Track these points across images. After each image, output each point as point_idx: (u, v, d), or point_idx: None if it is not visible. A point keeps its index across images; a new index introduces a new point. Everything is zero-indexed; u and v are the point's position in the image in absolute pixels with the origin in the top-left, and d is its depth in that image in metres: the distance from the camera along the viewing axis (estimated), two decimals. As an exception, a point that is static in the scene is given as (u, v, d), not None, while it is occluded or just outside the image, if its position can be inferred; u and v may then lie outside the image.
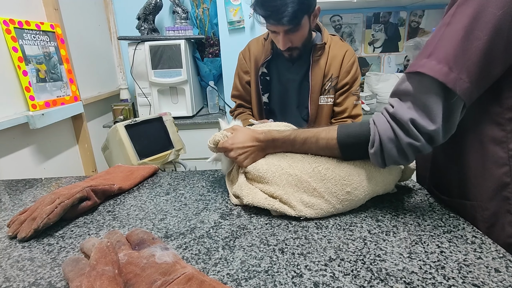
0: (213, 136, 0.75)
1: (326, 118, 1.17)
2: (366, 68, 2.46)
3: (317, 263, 0.51)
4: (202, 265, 0.52)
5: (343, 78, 1.14)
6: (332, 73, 1.13)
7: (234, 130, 0.76)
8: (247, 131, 0.74)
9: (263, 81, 1.18)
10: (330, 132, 0.65)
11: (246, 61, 1.23)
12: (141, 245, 0.52)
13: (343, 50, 1.13)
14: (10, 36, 1.26)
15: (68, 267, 0.48)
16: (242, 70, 1.25)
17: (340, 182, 0.64)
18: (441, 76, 0.50)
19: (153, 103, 1.98)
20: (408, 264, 0.50)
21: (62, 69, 1.53)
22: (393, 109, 0.56)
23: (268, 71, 1.18)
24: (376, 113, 0.65)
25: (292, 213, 0.63)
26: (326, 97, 1.15)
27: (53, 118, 1.41)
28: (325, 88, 1.14)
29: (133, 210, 0.72)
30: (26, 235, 0.60)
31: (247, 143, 0.71)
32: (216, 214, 0.68)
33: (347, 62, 1.13)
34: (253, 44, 1.22)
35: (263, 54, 1.17)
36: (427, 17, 2.34)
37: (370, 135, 0.59)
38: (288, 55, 1.09)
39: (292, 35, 1.01)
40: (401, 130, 0.55)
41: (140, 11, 2.02)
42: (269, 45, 1.15)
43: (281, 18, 0.93)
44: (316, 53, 1.12)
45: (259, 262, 0.52)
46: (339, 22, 2.34)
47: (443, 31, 0.52)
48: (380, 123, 0.58)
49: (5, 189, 0.90)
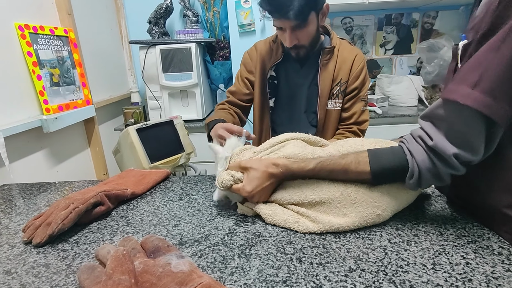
0: (220, 180, 0.66)
1: (334, 123, 1.13)
2: (378, 71, 2.43)
3: (336, 274, 0.49)
4: (218, 274, 0.50)
5: (352, 83, 1.10)
6: (341, 78, 1.10)
7: (244, 169, 0.67)
8: (261, 168, 0.64)
9: (271, 84, 1.15)
10: (361, 165, 0.60)
11: (252, 60, 1.18)
12: (156, 252, 0.51)
13: (353, 54, 1.10)
14: (25, 41, 1.28)
15: (83, 275, 0.48)
16: (246, 69, 1.20)
17: (372, 204, 0.60)
18: (486, 110, 0.48)
19: (164, 106, 1.99)
20: (432, 276, 0.47)
21: (75, 73, 1.54)
22: (432, 142, 0.53)
23: (276, 74, 1.15)
24: (408, 138, 0.60)
25: (316, 230, 0.61)
26: (334, 102, 1.12)
27: (66, 121, 1.42)
28: (333, 92, 1.11)
29: (146, 216, 0.72)
30: (41, 241, 0.60)
31: (265, 183, 0.64)
32: (230, 221, 0.67)
33: (357, 66, 1.10)
34: (261, 45, 1.18)
35: (272, 56, 1.14)
36: (441, 18, 2.30)
37: (408, 167, 0.56)
38: (295, 53, 1.06)
39: (299, 32, 0.98)
40: (442, 162, 0.53)
41: (151, 15, 2.03)
42: (279, 47, 1.12)
43: (286, 12, 0.90)
44: (325, 56, 1.09)
45: (277, 271, 0.50)
46: (350, 24, 2.32)
47: (491, 58, 0.48)
48: (417, 154, 0.55)
49: (19, 193, 0.91)
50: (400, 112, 1.99)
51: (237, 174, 0.66)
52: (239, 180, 0.66)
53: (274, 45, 1.14)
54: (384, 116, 1.95)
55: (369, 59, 2.41)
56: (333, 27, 2.30)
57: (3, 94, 1.19)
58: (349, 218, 0.60)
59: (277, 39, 1.13)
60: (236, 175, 0.66)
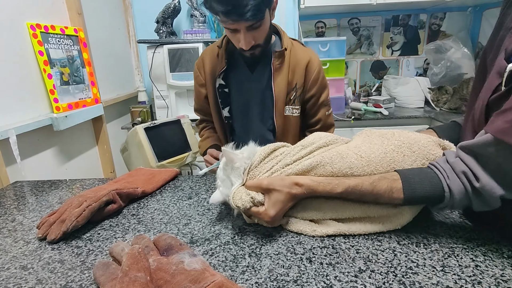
0: (240, 202, 0.59)
1: (294, 129, 1.06)
2: (384, 71, 2.42)
3: (346, 274, 0.50)
4: (230, 273, 0.51)
5: (310, 89, 1.04)
6: (296, 82, 1.02)
7: (266, 191, 0.60)
8: (284, 190, 0.58)
9: (221, 93, 1.06)
10: (394, 193, 0.55)
11: (200, 73, 1.10)
12: (169, 250, 0.52)
13: (307, 57, 1.02)
14: (36, 40, 1.30)
15: (99, 271, 0.49)
16: (198, 83, 1.13)
17: (392, 219, 0.61)
18: None
19: (171, 105, 2.00)
20: (442, 278, 0.48)
21: (84, 72, 1.56)
22: (479, 184, 0.50)
23: (226, 82, 1.06)
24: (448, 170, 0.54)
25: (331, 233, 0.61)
26: (292, 108, 1.04)
27: (75, 120, 1.44)
28: (290, 98, 1.03)
29: (157, 214, 0.73)
30: (55, 237, 0.61)
31: (287, 205, 0.60)
32: (239, 220, 0.68)
33: (313, 71, 1.02)
34: (208, 54, 1.09)
35: (218, 63, 1.04)
36: (448, 19, 2.29)
37: (444, 200, 0.54)
38: (250, 54, 0.97)
39: (255, 32, 0.90)
40: (482, 201, 0.51)
41: (158, 15, 2.05)
42: (223, 53, 1.03)
43: (244, 13, 0.82)
44: (277, 60, 1.00)
45: (287, 271, 0.51)
46: (357, 25, 2.32)
47: None
48: (458, 193, 0.52)
49: (31, 190, 0.92)
50: (406, 113, 1.99)
51: (258, 196, 0.59)
52: (259, 203, 0.60)
53: (220, 50, 1.04)
54: (391, 118, 1.94)
55: (375, 59, 2.41)
56: (340, 28, 2.30)
57: (15, 92, 1.21)
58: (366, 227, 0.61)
59: (222, 44, 1.04)
60: (256, 198, 0.59)
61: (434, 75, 2.17)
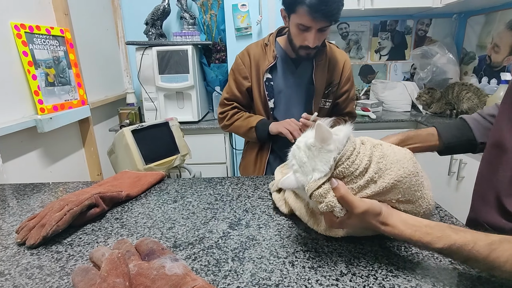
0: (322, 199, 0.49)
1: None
2: (372, 76, 2.46)
3: (328, 278, 0.50)
4: (212, 277, 0.51)
5: (344, 85, 1.21)
6: (334, 79, 1.18)
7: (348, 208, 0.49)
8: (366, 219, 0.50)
9: (268, 86, 1.18)
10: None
11: (245, 66, 1.20)
12: (150, 255, 0.52)
13: (343, 58, 1.19)
14: (20, 40, 1.27)
15: (77, 277, 0.48)
16: (241, 75, 1.21)
17: None
18: None
19: (159, 107, 1.99)
20: (421, 281, 0.49)
21: (70, 73, 1.54)
22: None
23: (271, 76, 1.18)
24: None
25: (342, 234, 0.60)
26: (325, 101, 1.20)
27: (60, 121, 1.42)
28: (326, 92, 1.19)
29: (141, 218, 0.72)
30: (35, 242, 0.60)
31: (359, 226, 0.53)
32: (224, 224, 0.68)
33: (347, 70, 1.19)
34: (253, 49, 1.20)
35: (266, 59, 1.17)
36: (434, 25, 2.34)
37: None
38: (306, 54, 1.08)
39: (323, 34, 1.03)
40: None
41: (148, 17, 2.04)
42: (272, 50, 1.15)
43: (331, 14, 0.94)
44: (319, 57, 1.14)
45: (269, 275, 0.51)
46: (346, 29, 2.35)
47: None
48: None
49: (13, 193, 0.90)
50: (393, 117, 2.02)
51: (341, 212, 0.50)
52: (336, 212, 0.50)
53: (267, 47, 1.18)
54: (378, 121, 1.97)
55: (364, 64, 2.44)
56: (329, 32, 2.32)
57: (-3, 93, 1.18)
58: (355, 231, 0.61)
59: (269, 42, 1.17)
60: (336, 208, 0.49)
61: (421, 79, 2.21)
